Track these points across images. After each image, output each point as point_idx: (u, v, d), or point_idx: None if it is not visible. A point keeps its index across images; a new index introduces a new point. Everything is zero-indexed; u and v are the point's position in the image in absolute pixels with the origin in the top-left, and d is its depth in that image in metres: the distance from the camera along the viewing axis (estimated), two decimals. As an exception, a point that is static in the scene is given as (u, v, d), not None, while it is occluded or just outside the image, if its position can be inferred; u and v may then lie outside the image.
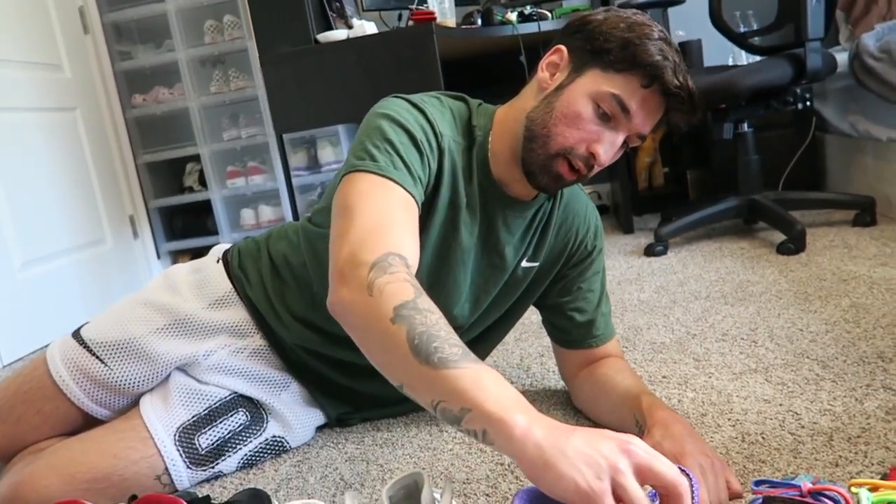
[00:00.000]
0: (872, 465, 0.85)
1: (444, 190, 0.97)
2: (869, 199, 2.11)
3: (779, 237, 2.00)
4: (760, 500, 0.63)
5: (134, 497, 0.76)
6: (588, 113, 0.91)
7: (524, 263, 1.08)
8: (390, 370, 0.71)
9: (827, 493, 0.62)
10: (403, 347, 0.67)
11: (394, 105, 0.95)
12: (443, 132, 0.97)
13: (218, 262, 1.18)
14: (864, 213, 2.09)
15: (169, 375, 1.08)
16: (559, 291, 1.13)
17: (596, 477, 0.57)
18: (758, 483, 0.67)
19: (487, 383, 0.65)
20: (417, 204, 0.88)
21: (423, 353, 0.66)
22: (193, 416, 1.04)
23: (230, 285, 1.13)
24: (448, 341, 0.68)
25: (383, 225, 0.80)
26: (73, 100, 2.52)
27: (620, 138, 0.93)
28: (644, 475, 0.59)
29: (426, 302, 0.72)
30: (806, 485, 0.63)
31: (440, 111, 0.99)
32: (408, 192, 0.86)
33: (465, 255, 1.02)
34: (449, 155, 0.97)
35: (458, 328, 1.08)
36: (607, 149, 0.92)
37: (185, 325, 1.10)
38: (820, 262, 1.77)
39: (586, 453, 0.58)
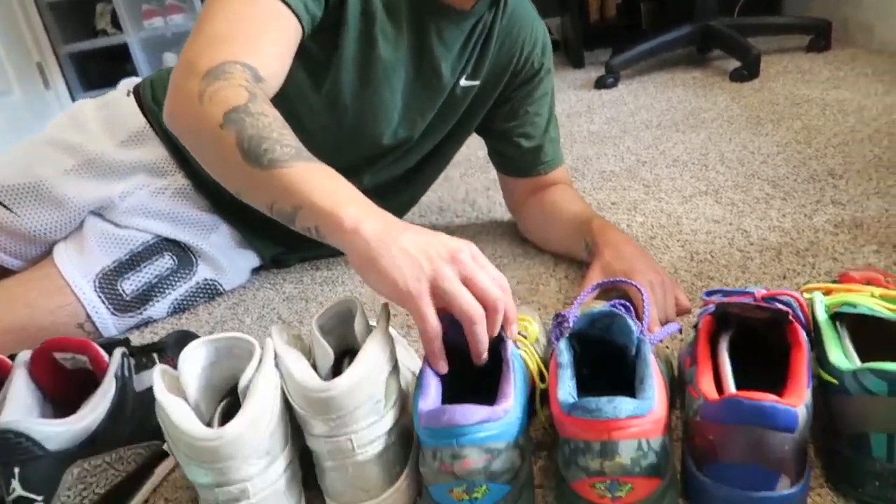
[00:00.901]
0: (820, 275, 0.83)
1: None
2: (825, 23, 2.03)
3: (732, 64, 1.93)
4: (713, 310, 0.60)
5: (45, 343, 0.69)
6: None
7: (463, 82, 0.98)
8: (225, 178, 0.68)
9: (780, 297, 0.60)
10: (234, 152, 0.63)
11: None
12: None
13: (129, 95, 1.05)
14: (819, 38, 2.02)
15: (84, 221, 0.99)
16: (505, 116, 1.05)
17: (415, 278, 0.54)
18: (709, 293, 0.64)
19: (318, 179, 0.61)
20: (298, 14, 0.77)
21: (252, 155, 0.62)
22: (114, 262, 0.96)
23: (144, 120, 1.02)
24: (279, 142, 0.63)
25: (231, 34, 0.72)
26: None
27: None
28: (468, 283, 0.56)
29: (260, 106, 0.65)
30: (759, 291, 0.60)
31: None
32: (282, 1, 0.76)
33: (389, 71, 0.91)
34: None
35: (393, 152, 1.01)
36: None
37: (97, 166, 0.99)
38: (773, 87, 1.72)
39: (411, 253, 0.55)
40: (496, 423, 0.52)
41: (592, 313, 0.58)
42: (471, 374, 0.61)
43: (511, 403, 0.54)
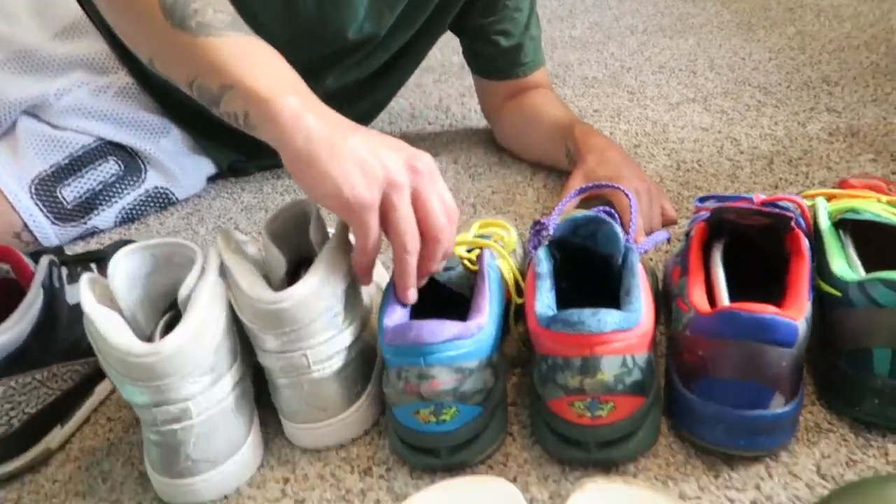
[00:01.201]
0: (814, 185, 0.79)
1: None
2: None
3: (723, -31, 1.82)
4: (707, 216, 0.54)
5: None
6: None
7: None
8: (139, 40, 0.58)
9: (781, 203, 0.55)
10: (153, 8, 0.53)
11: None
12: None
13: (61, -22, 0.93)
14: (815, -59, 1.91)
15: (16, 122, 0.89)
16: (482, 10, 0.95)
17: (365, 186, 0.46)
18: (702, 199, 0.59)
19: (256, 57, 0.52)
20: None
21: (177, 15, 0.52)
22: (52, 167, 0.88)
23: (80, 10, 0.91)
24: (213, 4, 0.54)
25: None
26: None
27: None
28: (416, 202, 0.48)
29: None
30: (758, 196, 0.55)
31: None
32: None
33: None
34: None
35: (358, 50, 0.92)
36: None
37: (28, 60, 0.88)
38: (765, -8, 1.62)
39: (363, 158, 0.47)
40: (468, 340, 0.47)
41: (576, 218, 0.52)
42: (442, 287, 0.56)
43: (485, 319, 0.49)
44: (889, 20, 1.30)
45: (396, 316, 0.50)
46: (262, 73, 0.50)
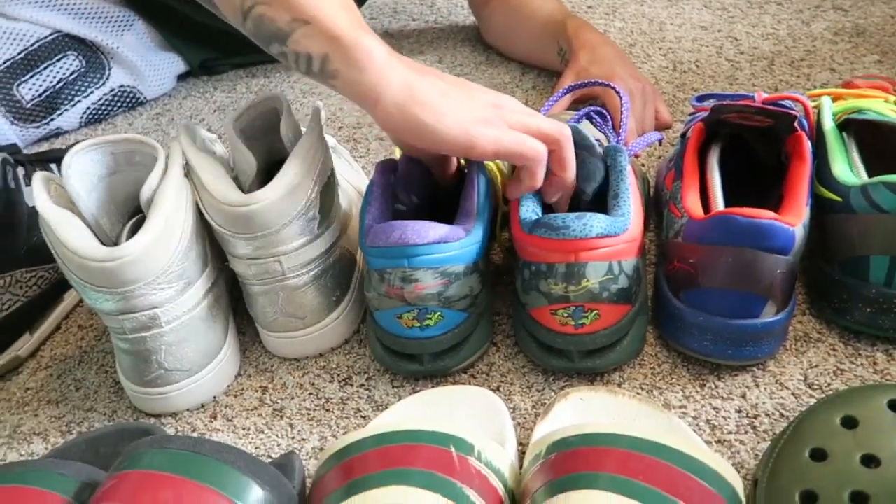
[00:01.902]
0: (815, 87, 0.75)
1: None
2: None
3: None
4: (704, 116, 0.51)
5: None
6: None
7: None
8: None
9: (783, 102, 0.51)
10: None
11: None
12: None
13: None
14: None
15: (-34, 14, 0.83)
16: None
17: (485, 120, 0.43)
18: (700, 98, 0.56)
19: None
20: None
21: None
22: (5, 62, 0.82)
23: None
24: None
25: None
26: None
27: None
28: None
29: None
30: (760, 94, 0.51)
31: None
32: None
33: None
34: None
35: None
36: None
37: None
38: None
39: (466, 95, 0.44)
40: (455, 243, 0.45)
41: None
42: (430, 194, 0.53)
43: (473, 223, 0.46)
44: (903, -89, 1.22)
45: (378, 215, 0.47)
46: (339, 10, 0.43)
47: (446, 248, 0.44)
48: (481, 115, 0.44)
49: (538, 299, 0.44)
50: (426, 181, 0.50)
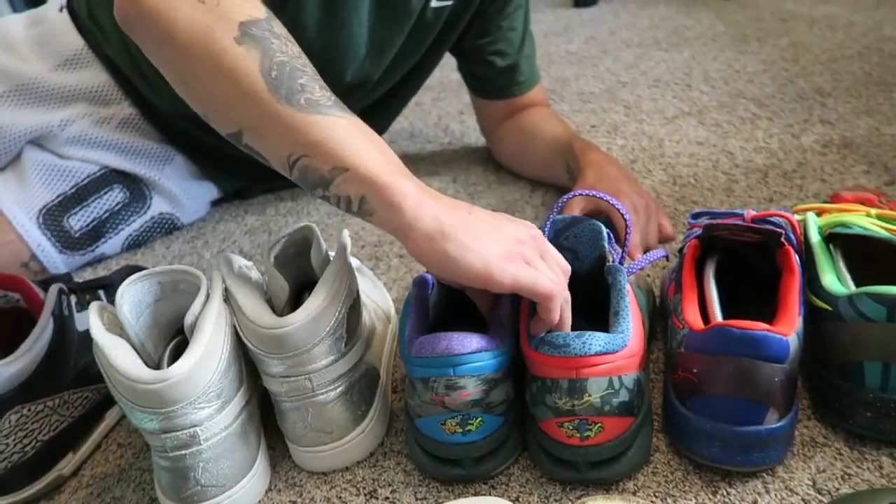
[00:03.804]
0: (808, 197, 0.80)
1: None
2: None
3: (717, -20, 1.84)
4: (699, 233, 0.56)
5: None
6: None
7: (434, 2, 0.90)
8: (231, 109, 0.51)
9: (771, 218, 0.56)
10: (254, 77, 0.48)
11: None
12: None
13: (62, 10, 0.95)
14: (808, -49, 1.93)
15: (22, 152, 0.91)
16: (477, 32, 0.97)
17: (506, 255, 0.47)
18: (695, 216, 0.60)
19: (368, 140, 0.50)
20: None
21: (283, 88, 0.49)
22: (58, 196, 0.89)
23: (82, 41, 0.92)
24: (318, 81, 0.52)
25: None
26: None
27: None
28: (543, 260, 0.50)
29: (283, 29, 0.54)
30: (749, 212, 0.56)
31: None
32: None
33: (357, 2, 0.82)
34: None
35: (359, 88, 0.93)
36: None
37: (31, 92, 0.90)
38: (759, 3, 1.64)
39: (493, 230, 0.48)
40: (494, 351, 0.48)
41: (555, 220, 0.54)
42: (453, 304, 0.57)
43: (506, 331, 0.50)
44: (881, 30, 1.31)
45: (420, 328, 0.51)
46: (376, 158, 0.48)
47: (486, 356, 0.48)
48: (504, 251, 0.47)
49: (545, 412, 0.47)
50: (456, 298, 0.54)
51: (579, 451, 0.47)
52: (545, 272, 0.48)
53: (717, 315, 0.50)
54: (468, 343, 0.47)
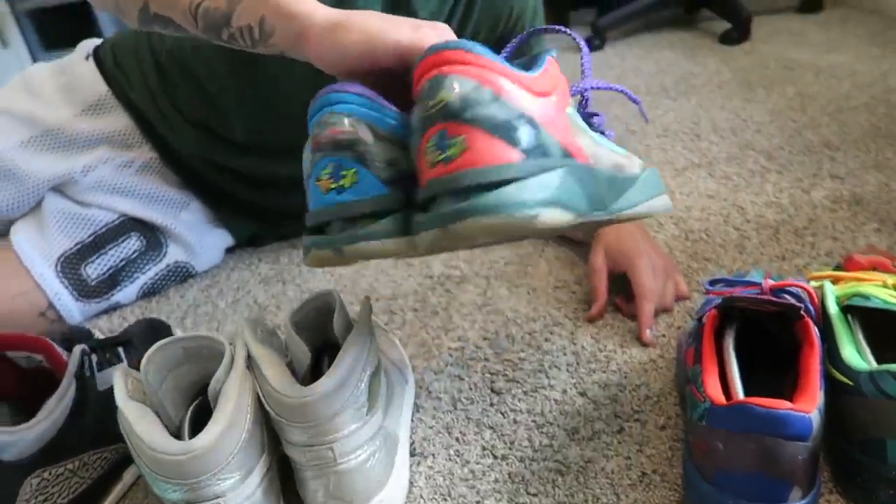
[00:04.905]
0: (820, 255, 0.80)
1: None
2: (817, -18, 1.97)
3: (721, 26, 1.87)
4: (718, 301, 0.56)
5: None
6: None
7: None
8: None
9: (789, 289, 0.56)
10: None
11: None
12: None
13: (88, 58, 0.97)
14: (811, -2, 1.96)
15: (43, 199, 0.93)
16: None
17: (401, 25, 0.46)
18: (712, 283, 0.61)
19: None
20: None
21: None
22: (77, 244, 0.90)
23: (106, 87, 0.95)
24: None
25: None
26: None
27: None
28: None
29: None
30: (767, 282, 0.57)
31: None
32: None
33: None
34: None
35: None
36: None
37: (55, 138, 0.92)
38: (764, 50, 1.67)
39: (390, 20, 0.48)
40: (376, 103, 0.45)
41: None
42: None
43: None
44: (887, 80, 1.33)
45: None
46: None
47: (366, 103, 0.44)
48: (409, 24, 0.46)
49: (416, 140, 0.42)
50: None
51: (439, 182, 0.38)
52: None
53: (738, 389, 0.50)
54: (350, 86, 0.45)
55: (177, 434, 0.53)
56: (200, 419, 0.54)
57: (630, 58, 1.80)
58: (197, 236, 0.98)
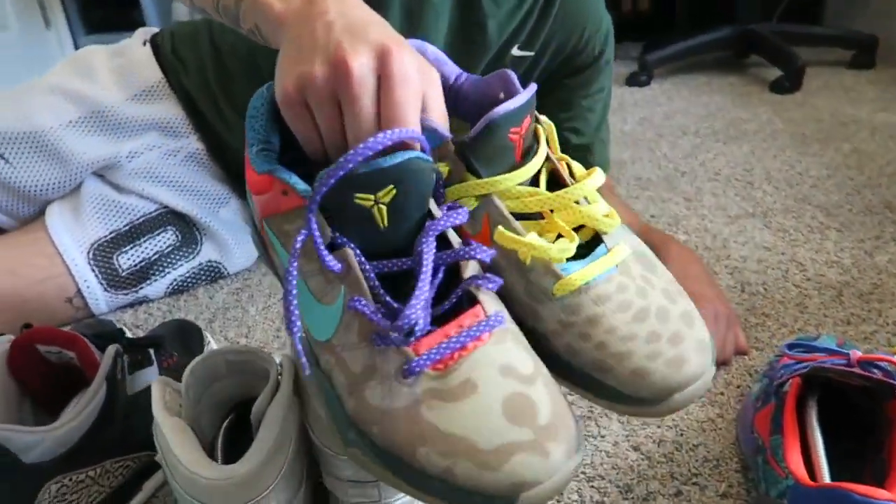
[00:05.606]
0: (888, 324, 0.76)
1: None
2: (871, 39, 1.94)
3: (771, 74, 1.84)
4: (798, 368, 0.52)
5: (27, 326, 0.60)
6: None
7: (515, 51, 0.88)
8: None
9: (880, 363, 0.52)
10: None
11: None
12: None
13: (145, 44, 0.95)
14: (864, 54, 1.93)
15: (82, 182, 0.90)
16: (557, 104, 0.94)
17: (297, 75, 0.40)
18: (791, 347, 0.57)
19: None
20: None
21: None
22: (112, 233, 0.88)
23: (161, 74, 0.93)
24: None
25: None
26: None
27: None
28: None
29: None
30: (855, 353, 0.53)
31: None
32: None
33: (437, 17, 0.81)
34: None
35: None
36: None
37: (105, 120, 0.90)
38: (816, 103, 1.64)
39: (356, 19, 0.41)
40: None
41: None
42: None
43: None
44: (947, 145, 1.29)
45: None
46: None
47: None
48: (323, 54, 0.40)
49: None
50: None
51: None
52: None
53: (824, 469, 0.46)
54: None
55: (209, 450, 0.50)
56: (234, 437, 0.51)
57: (678, 99, 1.77)
58: (233, 235, 0.95)
